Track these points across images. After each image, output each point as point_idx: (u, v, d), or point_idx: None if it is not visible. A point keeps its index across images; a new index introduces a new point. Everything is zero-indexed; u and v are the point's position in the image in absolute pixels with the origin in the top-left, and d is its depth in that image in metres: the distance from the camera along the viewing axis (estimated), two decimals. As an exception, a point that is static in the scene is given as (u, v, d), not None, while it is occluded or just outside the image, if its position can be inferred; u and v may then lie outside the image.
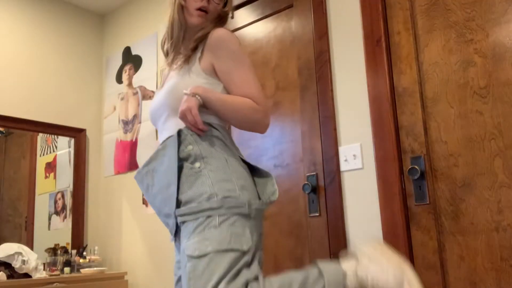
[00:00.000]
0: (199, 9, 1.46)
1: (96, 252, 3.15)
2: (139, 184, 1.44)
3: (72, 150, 3.33)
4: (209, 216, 1.23)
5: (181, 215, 1.27)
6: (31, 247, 2.93)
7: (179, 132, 1.37)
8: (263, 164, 2.40)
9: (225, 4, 1.54)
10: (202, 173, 1.30)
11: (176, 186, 1.30)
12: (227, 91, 1.43)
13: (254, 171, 1.44)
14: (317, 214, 2.14)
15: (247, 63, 1.43)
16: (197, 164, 1.32)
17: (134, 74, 3.34)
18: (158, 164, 1.39)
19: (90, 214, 3.34)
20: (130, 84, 3.35)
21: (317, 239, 2.13)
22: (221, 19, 1.54)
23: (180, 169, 1.33)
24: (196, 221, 1.24)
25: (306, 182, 2.17)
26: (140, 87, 3.26)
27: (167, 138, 1.41)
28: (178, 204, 1.30)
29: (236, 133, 2.51)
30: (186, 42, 1.51)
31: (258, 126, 1.40)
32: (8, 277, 2.52)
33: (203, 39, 1.46)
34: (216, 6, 1.50)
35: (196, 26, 1.48)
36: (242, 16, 2.65)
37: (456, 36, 1.85)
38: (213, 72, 1.43)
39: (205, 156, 1.33)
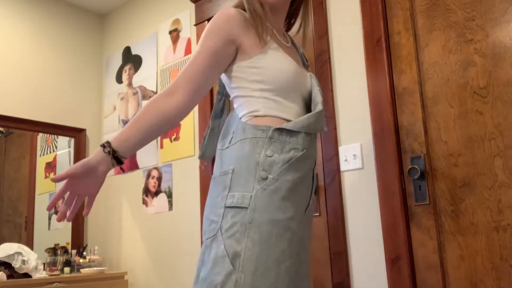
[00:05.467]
0: None
1: (96, 252, 3.15)
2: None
3: (72, 150, 3.33)
4: None
5: None
6: (31, 247, 2.93)
7: None
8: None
9: None
10: None
11: None
12: None
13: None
14: (317, 214, 2.14)
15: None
16: None
17: (134, 74, 3.34)
18: None
19: (90, 214, 3.34)
20: (130, 84, 3.35)
21: (317, 239, 2.13)
22: None
23: None
24: None
25: (306, 182, 2.17)
26: (140, 87, 3.26)
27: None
28: None
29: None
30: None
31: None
32: (8, 277, 2.52)
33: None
34: None
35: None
36: (242, 16, 2.64)
37: (456, 36, 1.85)
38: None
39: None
